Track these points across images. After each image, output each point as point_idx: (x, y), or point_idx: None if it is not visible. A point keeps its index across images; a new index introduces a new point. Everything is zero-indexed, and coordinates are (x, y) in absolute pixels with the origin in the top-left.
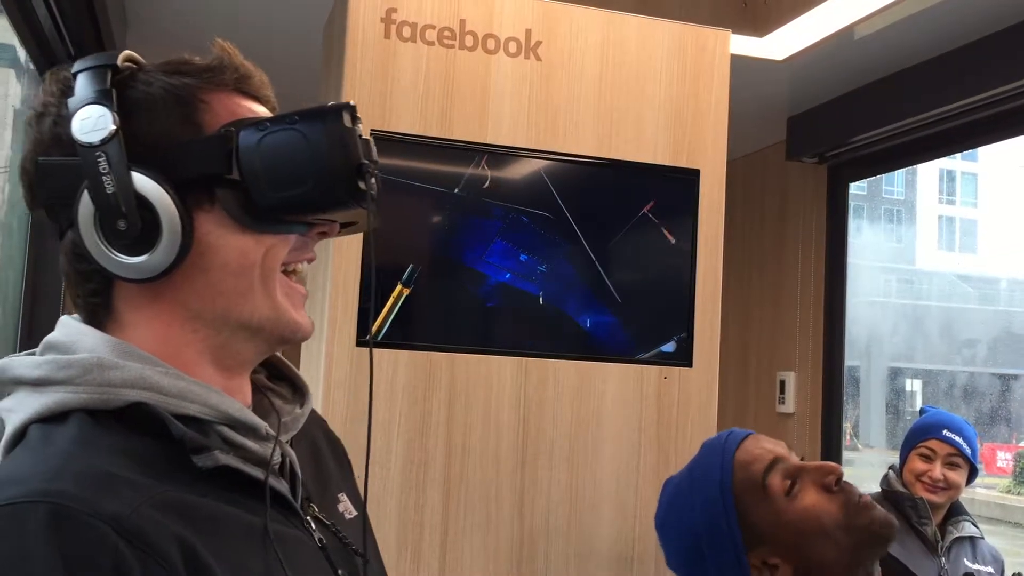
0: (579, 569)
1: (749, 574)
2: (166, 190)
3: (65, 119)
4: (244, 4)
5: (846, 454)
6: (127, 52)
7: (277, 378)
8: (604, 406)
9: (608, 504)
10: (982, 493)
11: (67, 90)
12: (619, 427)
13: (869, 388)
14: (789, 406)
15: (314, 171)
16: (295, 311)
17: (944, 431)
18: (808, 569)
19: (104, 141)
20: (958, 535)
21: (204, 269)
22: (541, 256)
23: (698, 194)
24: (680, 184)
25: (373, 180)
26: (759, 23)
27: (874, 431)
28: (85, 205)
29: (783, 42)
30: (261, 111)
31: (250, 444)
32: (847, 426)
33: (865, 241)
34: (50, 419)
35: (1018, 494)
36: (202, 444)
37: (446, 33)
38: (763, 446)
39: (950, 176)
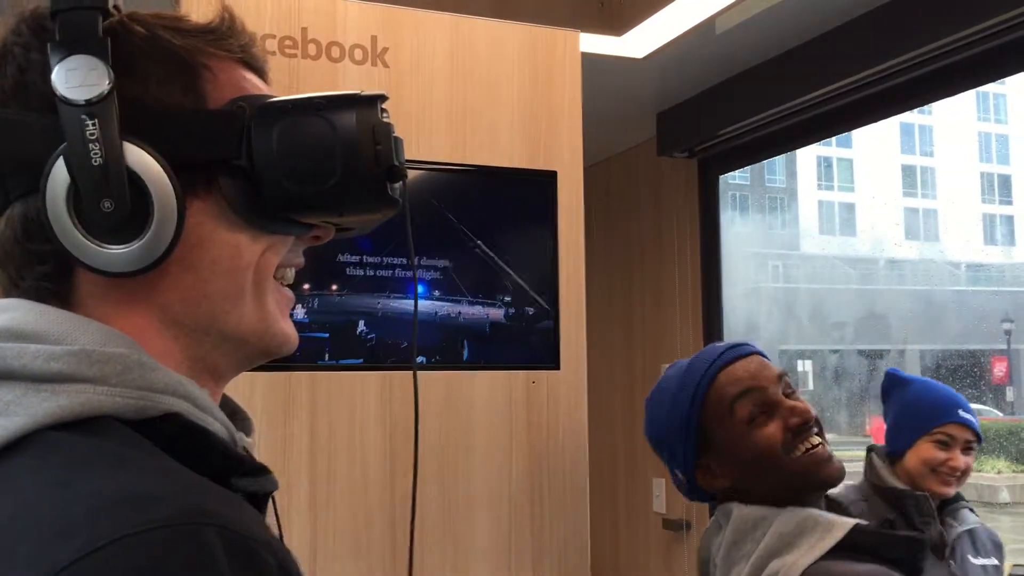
0: None
1: (694, 473)
2: (163, 168)
3: (37, 65)
4: None
5: None
6: None
7: None
8: (473, 415)
9: (482, 514)
10: None
11: (41, 31)
12: (489, 436)
13: None
14: None
15: (341, 167)
16: (284, 321)
17: (959, 411)
18: (746, 489)
19: (94, 101)
20: (961, 529)
21: (190, 266)
22: (404, 265)
23: (556, 196)
24: (537, 187)
25: (399, 185)
26: (616, 22)
27: None
28: (58, 174)
29: (641, 40)
30: (267, 91)
31: None
32: None
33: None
34: (72, 425)
35: None
36: (258, 467)
37: (287, 42)
38: (750, 370)
39: (827, 163)
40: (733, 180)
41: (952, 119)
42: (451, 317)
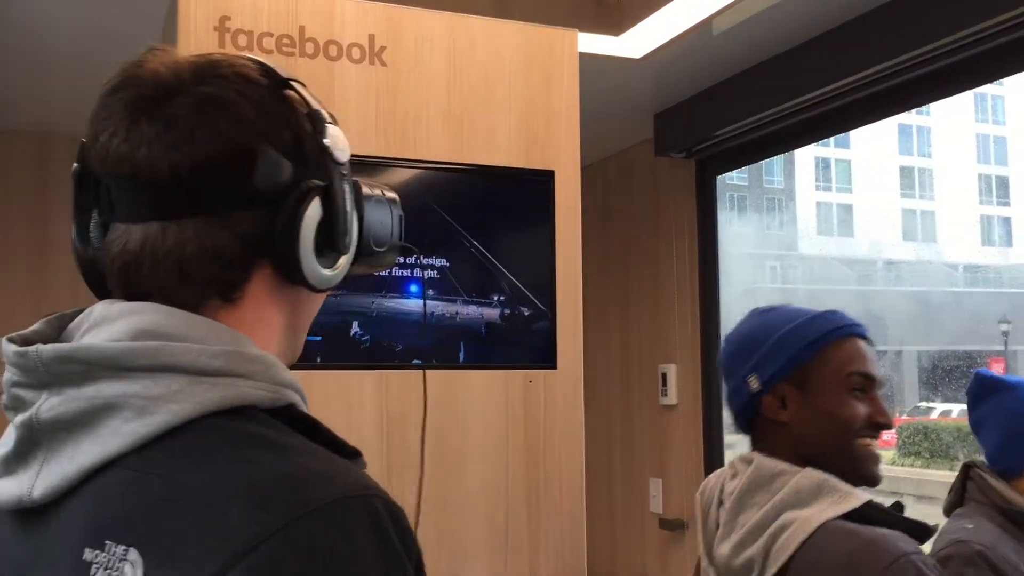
0: None
1: (768, 390)
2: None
3: (302, 126)
4: (84, 8)
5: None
6: None
7: None
8: (470, 415)
9: (477, 513)
10: None
11: (291, 100)
12: (486, 435)
13: None
14: (672, 398)
15: (390, 240)
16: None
17: None
18: (796, 437)
19: (346, 162)
20: None
21: (315, 296)
22: (401, 264)
23: (553, 196)
24: (535, 186)
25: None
26: (614, 22)
27: None
28: (315, 207)
29: (639, 40)
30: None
31: None
32: None
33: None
34: (227, 412)
35: (902, 465)
36: (355, 451)
37: (285, 41)
38: (873, 359)
39: (825, 163)
40: (731, 181)
41: (950, 120)
42: (446, 317)
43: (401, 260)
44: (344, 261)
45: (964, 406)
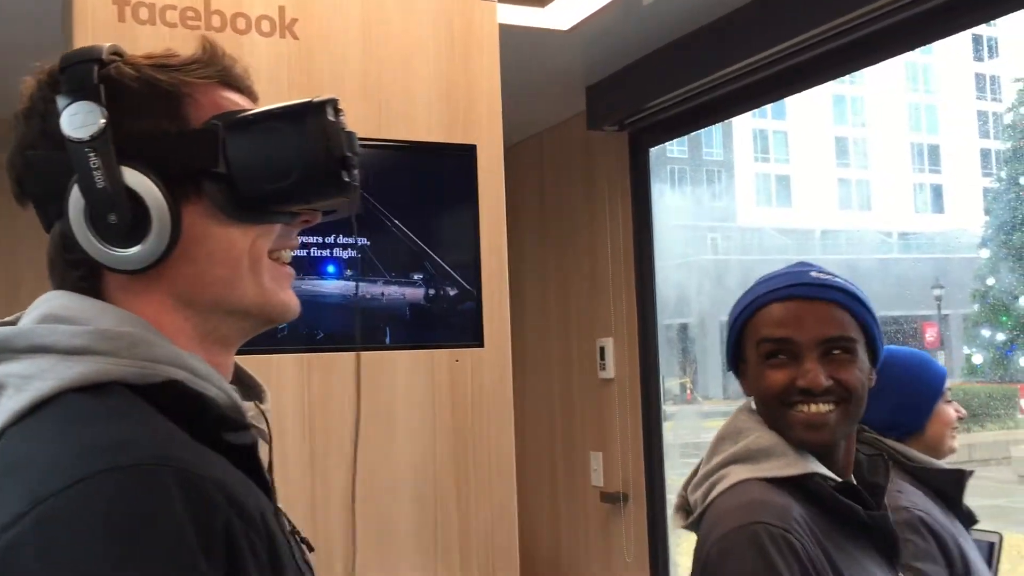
0: (381, 564)
1: (736, 367)
2: (155, 184)
3: (53, 115)
4: None
5: (681, 407)
6: (112, 44)
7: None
8: (395, 396)
9: (407, 495)
10: None
11: (53, 84)
12: (413, 416)
13: (704, 344)
14: (609, 371)
15: (300, 164)
16: (283, 292)
17: (939, 365)
18: (758, 409)
19: (94, 137)
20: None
21: (193, 259)
22: (317, 243)
23: (476, 170)
24: (457, 161)
25: (356, 170)
26: None
27: (711, 384)
28: (75, 199)
29: (565, 11)
30: (245, 103)
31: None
32: (686, 381)
33: (687, 203)
34: (88, 388)
35: None
36: (241, 423)
37: (189, 13)
38: (796, 316)
39: (763, 135)
40: (671, 153)
41: (882, 90)
42: (367, 299)
43: (320, 239)
44: (157, 232)
45: None
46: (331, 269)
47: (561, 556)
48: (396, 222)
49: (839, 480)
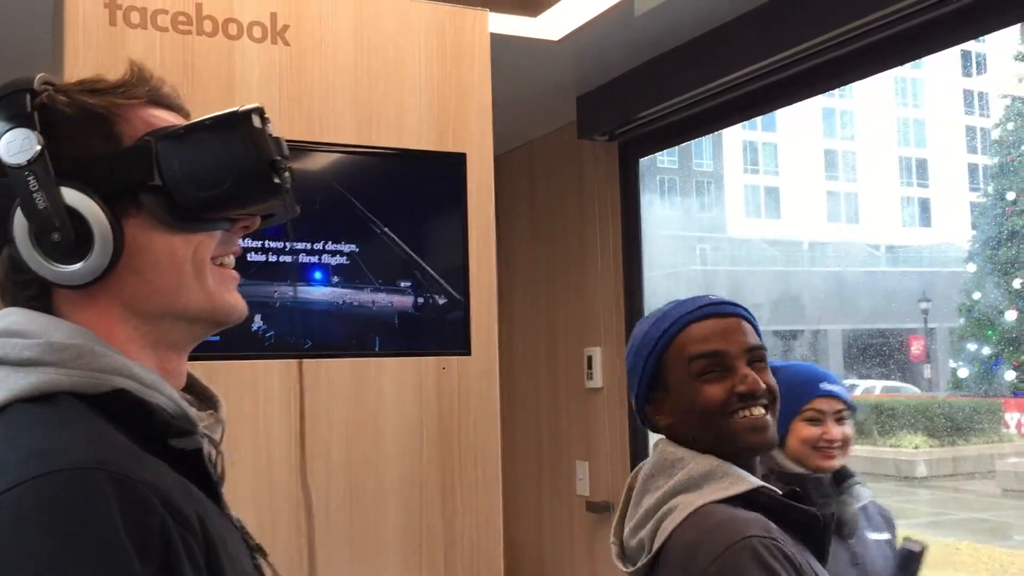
0: (365, 571)
1: (645, 403)
2: (94, 201)
3: None
4: None
5: None
6: (43, 75)
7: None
8: (382, 403)
9: (392, 503)
10: None
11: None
12: (399, 423)
13: None
14: (597, 381)
15: (231, 171)
16: (228, 294)
17: (821, 385)
18: (683, 433)
19: (31, 161)
20: (857, 506)
21: (137, 270)
22: (307, 251)
23: (465, 179)
24: (446, 169)
25: (287, 173)
26: (531, 3)
27: None
28: (19, 221)
29: (557, 21)
30: (174, 119)
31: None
32: None
33: (677, 213)
34: (37, 399)
35: None
36: (187, 429)
37: (181, 18)
38: (718, 331)
39: (752, 147)
40: (662, 164)
41: (872, 104)
42: (355, 307)
43: (308, 246)
44: (99, 247)
45: (886, 383)
46: (318, 275)
47: (546, 565)
48: (386, 229)
49: (780, 491)
